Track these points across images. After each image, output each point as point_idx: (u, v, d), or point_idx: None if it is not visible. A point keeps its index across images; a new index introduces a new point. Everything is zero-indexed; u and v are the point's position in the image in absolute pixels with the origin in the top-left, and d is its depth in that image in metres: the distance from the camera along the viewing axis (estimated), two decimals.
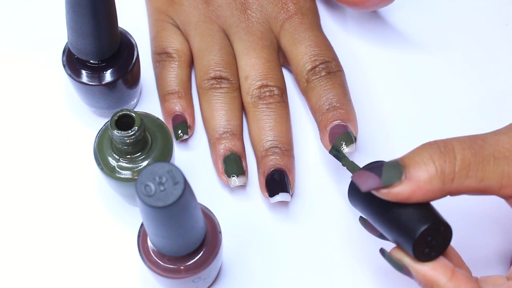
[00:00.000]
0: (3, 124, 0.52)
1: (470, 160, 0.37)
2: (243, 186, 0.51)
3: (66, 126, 0.53)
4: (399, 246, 0.39)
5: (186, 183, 0.33)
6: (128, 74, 0.48)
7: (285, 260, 0.49)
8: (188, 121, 0.51)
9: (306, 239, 0.49)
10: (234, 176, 0.49)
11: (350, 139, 0.47)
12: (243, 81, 0.51)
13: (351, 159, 0.44)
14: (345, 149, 0.47)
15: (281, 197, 0.48)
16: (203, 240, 0.40)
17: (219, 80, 0.51)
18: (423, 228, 0.37)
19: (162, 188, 0.33)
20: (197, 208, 0.37)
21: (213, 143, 0.50)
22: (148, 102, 0.54)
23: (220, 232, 0.42)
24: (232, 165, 0.49)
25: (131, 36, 0.49)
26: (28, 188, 0.50)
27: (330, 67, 0.50)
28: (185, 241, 0.39)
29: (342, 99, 0.49)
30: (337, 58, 0.51)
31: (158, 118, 0.46)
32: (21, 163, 0.51)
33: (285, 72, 0.54)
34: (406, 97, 0.55)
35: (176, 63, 0.52)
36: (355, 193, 0.41)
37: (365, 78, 0.55)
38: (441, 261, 0.38)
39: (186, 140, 0.52)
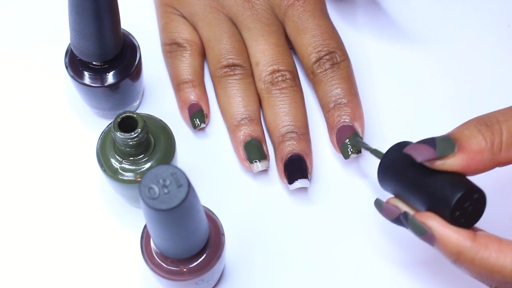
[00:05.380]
0: (5, 126, 0.52)
1: None
2: (246, 187, 0.51)
3: (68, 127, 0.52)
4: (425, 212, 0.40)
5: (190, 185, 0.33)
6: (131, 76, 0.48)
7: (288, 262, 0.49)
8: (204, 109, 0.51)
9: (309, 242, 0.49)
10: (256, 161, 0.49)
11: (357, 143, 0.48)
12: (254, 68, 0.51)
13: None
14: (352, 156, 0.48)
15: (300, 183, 0.48)
16: (206, 243, 0.40)
17: (232, 68, 0.51)
18: (466, 189, 0.38)
19: (166, 190, 0.33)
20: (201, 210, 0.37)
21: (232, 130, 0.50)
22: (150, 103, 0.54)
23: (223, 234, 0.42)
24: (254, 150, 0.49)
25: (133, 37, 0.49)
26: (31, 190, 0.50)
27: (335, 58, 0.50)
28: (188, 243, 0.39)
29: (348, 95, 0.50)
30: (342, 46, 0.52)
31: (161, 120, 0.46)
32: (24, 165, 0.51)
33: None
34: (412, 88, 0.55)
35: (187, 52, 0.52)
36: (387, 169, 0.42)
37: (371, 66, 0.55)
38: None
39: (203, 129, 0.52)
